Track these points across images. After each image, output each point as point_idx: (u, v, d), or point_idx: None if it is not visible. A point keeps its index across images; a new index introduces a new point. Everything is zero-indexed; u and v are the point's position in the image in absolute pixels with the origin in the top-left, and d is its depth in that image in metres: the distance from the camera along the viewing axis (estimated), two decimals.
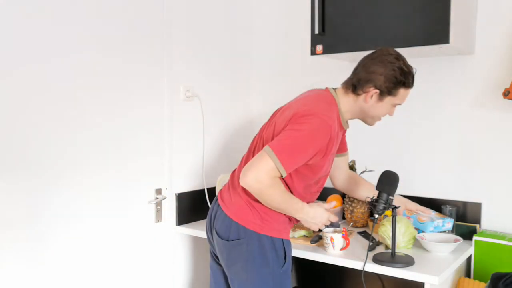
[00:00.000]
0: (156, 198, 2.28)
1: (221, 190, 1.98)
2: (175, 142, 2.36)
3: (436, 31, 1.92)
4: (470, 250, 2.03)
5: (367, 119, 1.91)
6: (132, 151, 2.17)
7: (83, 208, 1.97)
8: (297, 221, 1.89)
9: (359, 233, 2.25)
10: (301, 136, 1.71)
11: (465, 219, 2.23)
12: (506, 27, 2.11)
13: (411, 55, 2.24)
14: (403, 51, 2.08)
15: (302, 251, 2.02)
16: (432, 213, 2.14)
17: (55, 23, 1.84)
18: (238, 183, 1.81)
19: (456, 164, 2.27)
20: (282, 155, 1.68)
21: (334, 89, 1.91)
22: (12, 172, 1.74)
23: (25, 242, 1.79)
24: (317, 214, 1.86)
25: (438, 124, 2.31)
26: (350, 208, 2.36)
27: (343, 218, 2.46)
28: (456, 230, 2.16)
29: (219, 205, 1.91)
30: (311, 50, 2.24)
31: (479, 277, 2.01)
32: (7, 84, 1.71)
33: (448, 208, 2.18)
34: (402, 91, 1.81)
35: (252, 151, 1.90)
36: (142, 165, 2.21)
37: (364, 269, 1.82)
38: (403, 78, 1.78)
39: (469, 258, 2.05)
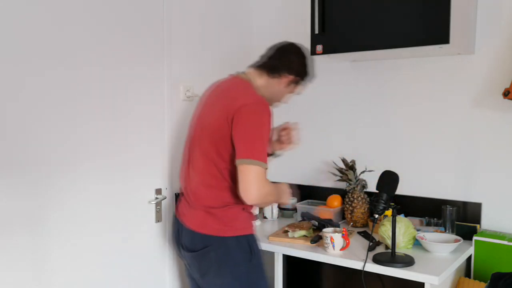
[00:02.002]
0: (156, 198, 2.27)
1: (178, 205, 2.05)
2: (175, 142, 2.36)
3: (436, 31, 1.92)
4: (470, 250, 2.03)
5: (272, 102, 2.00)
6: (132, 151, 2.16)
7: (83, 208, 1.97)
8: (255, 217, 2.01)
9: (359, 233, 2.25)
10: (257, 127, 1.79)
11: (465, 219, 2.23)
12: (506, 28, 2.11)
13: (411, 55, 2.25)
14: (403, 51, 2.08)
15: (302, 251, 2.02)
16: None
17: (54, 23, 1.84)
18: (192, 195, 1.92)
19: (456, 164, 2.27)
20: (258, 155, 1.75)
21: (243, 72, 2.01)
22: (12, 173, 1.74)
23: (25, 242, 1.79)
24: (284, 185, 2.02)
25: (438, 124, 2.31)
26: (350, 208, 2.36)
27: (343, 218, 2.46)
28: (456, 230, 2.16)
29: (180, 220, 1.97)
30: (311, 50, 2.24)
31: (479, 277, 2.01)
32: (7, 85, 1.71)
33: (448, 208, 2.19)
34: (305, 82, 2.05)
35: (190, 162, 1.95)
36: (142, 165, 2.21)
37: (364, 269, 1.82)
38: (310, 70, 2.03)
39: (469, 258, 2.05)
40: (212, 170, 1.87)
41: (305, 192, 2.70)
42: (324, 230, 2.03)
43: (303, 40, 2.61)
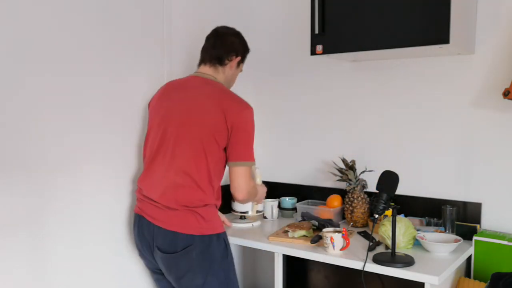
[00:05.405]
0: None
1: (142, 209, 1.97)
2: None
3: (436, 31, 1.92)
4: (470, 250, 2.03)
5: (229, 87, 2.12)
6: (132, 151, 2.17)
7: (83, 208, 1.97)
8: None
9: (359, 233, 2.25)
10: (253, 133, 1.97)
11: (465, 219, 2.23)
12: (506, 28, 2.11)
13: (411, 55, 2.25)
14: (403, 51, 2.08)
15: (302, 251, 2.02)
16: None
17: (54, 23, 1.84)
18: (168, 195, 1.89)
19: (456, 164, 2.27)
20: (251, 157, 1.94)
21: (198, 71, 2.06)
22: (12, 173, 1.74)
23: (25, 242, 1.79)
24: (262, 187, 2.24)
25: (438, 124, 2.31)
26: (350, 208, 2.36)
27: (343, 218, 2.46)
28: (456, 230, 2.16)
29: (153, 224, 1.91)
30: (311, 50, 2.24)
31: (479, 277, 2.01)
32: (7, 85, 1.71)
33: (448, 208, 2.18)
34: (246, 56, 2.16)
35: (168, 162, 1.92)
36: (142, 165, 2.21)
37: (364, 269, 1.82)
38: (247, 45, 2.14)
39: (469, 258, 2.05)
40: (202, 170, 1.88)
41: (305, 192, 2.70)
42: (324, 230, 2.03)
43: (303, 40, 2.62)
